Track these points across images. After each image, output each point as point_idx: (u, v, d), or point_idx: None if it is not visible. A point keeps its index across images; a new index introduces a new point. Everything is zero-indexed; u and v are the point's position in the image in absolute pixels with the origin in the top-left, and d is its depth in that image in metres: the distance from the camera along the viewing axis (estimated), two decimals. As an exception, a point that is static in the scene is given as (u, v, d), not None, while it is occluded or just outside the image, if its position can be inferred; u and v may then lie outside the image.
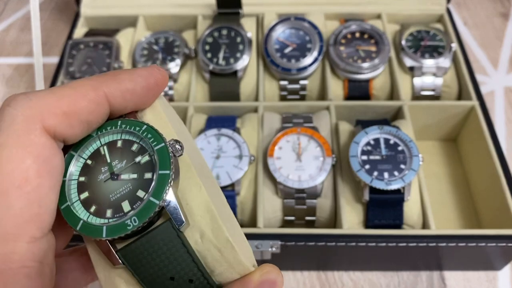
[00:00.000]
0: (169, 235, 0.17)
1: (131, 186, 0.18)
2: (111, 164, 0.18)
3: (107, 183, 0.18)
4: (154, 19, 0.57)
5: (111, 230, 0.17)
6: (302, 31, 0.51)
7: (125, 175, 0.18)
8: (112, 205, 0.18)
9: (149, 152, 0.18)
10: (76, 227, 0.17)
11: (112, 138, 0.19)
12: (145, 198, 0.17)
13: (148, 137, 0.18)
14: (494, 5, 0.69)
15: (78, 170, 0.19)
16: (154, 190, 0.17)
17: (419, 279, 0.43)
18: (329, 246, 0.38)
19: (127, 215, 0.17)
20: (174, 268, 0.17)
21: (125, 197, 0.18)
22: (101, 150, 0.19)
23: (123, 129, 0.19)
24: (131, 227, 0.17)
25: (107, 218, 0.18)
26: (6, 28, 0.67)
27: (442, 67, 0.49)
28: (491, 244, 0.38)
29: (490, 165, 0.43)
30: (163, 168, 0.18)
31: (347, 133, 0.44)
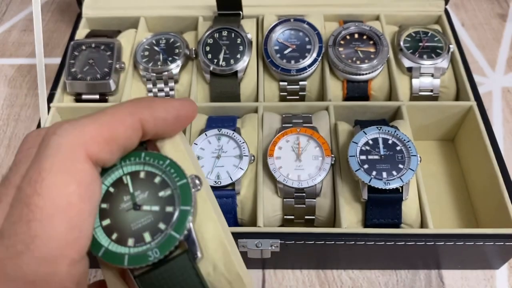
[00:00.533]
0: (185, 266, 0.18)
1: (153, 218, 0.19)
2: (133, 194, 0.19)
3: (129, 213, 0.19)
4: (155, 20, 0.57)
5: (132, 260, 0.18)
6: (301, 32, 0.51)
7: (147, 207, 0.19)
8: (134, 234, 0.18)
9: (172, 186, 0.19)
10: (98, 253, 0.18)
11: (135, 169, 0.20)
12: (167, 231, 0.18)
13: (171, 172, 0.19)
14: (492, 6, 0.69)
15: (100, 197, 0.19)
16: (176, 224, 0.18)
17: (418, 277, 0.43)
18: (328, 244, 0.38)
19: (148, 245, 0.18)
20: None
21: (146, 228, 0.18)
22: (123, 179, 0.20)
23: (147, 161, 0.19)
24: (152, 259, 0.18)
25: (129, 246, 0.18)
26: (8, 29, 0.68)
27: (440, 67, 0.49)
28: (488, 243, 0.38)
29: (487, 164, 0.43)
30: (185, 203, 0.19)
31: (346, 133, 0.44)
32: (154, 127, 0.19)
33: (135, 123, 0.18)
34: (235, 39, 0.50)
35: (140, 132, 0.18)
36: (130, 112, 0.18)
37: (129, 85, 0.50)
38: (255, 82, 0.50)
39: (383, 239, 0.38)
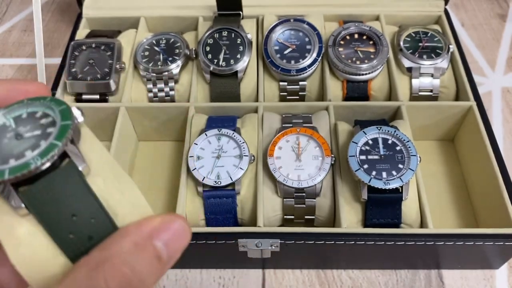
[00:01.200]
0: (71, 174, 0.18)
1: (35, 140, 0.19)
2: (16, 129, 0.19)
3: (11, 142, 0.19)
4: (155, 20, 0.57)
5: (13, 170, 0.17)
6: (301, 33, 0.51)
7: (29, 133, 0.19)
8: (15, 156, 0.18)
9: (52, 114, 0.19)
10: None
11: (18, 113, 0.20)
12: (47, 142, 0.18)
13: (52, 104, 0.19)
14: (491, 7, 0.69)
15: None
16: (56, 135, 0.18)
17: (417, 277, 0.43)
18: (328, 244, 0.38)
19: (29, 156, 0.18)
20: (76, 206, 0.18)
21: (28, 149, 0.18)
22: (6, 123, 0.20)
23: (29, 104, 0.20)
24: (33, 164, 0.17)
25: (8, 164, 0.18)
26: (9, 29, 0.68)
27: (440, 68, 0.49)
28: (488, 243, 0.38)
29: (487, 164, 0.43)
30: (65, 119, 0.19)
31: (346, 133, 0.44)
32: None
33: None
34: (235, 39, 0.50)
35: None
36: None
37: (129, 85, 0.50)
38: (255, 82, 0.50)
39: (383, 239, 0.38)
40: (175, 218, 0.18)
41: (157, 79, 0.50)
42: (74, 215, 0.18)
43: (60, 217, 0.18)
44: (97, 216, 0.18)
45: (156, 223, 0.17)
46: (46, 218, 0.18)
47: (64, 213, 0.18)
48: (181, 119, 0.49)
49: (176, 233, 0.17)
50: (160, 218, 0.18)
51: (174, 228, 0.17)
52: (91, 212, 0.18)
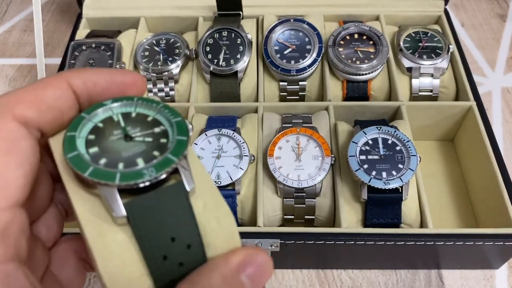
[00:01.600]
0: (179, 194, 0.17)
1: (145, 147, 0.18)
2: (125, 128, 0.18)
3: (119, 142, 0.18)
4: (155, 20, 0.57)
5: (125, 176, 0.16)
6: (301, 33, 0.51)
7: (140, 138, 0.18)
8: (125, 160, 0.17)
9: (165, 124, 0.19)
10: (84, 172, 0.17)
11: (126, 110, 0.19)
12: (163, 156, 0.17)
13: (165, 112, 0.19)
14: (491, 7, 0.69)
15: (87, 130, 0.18)
16: (172, 149, 0.17)
17: (417, 277, 0.43)
18: (328, 244, 0.38)
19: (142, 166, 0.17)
20: (177, 229, 0.17)
21: (139, 155, 0.17)
22: (114, 117, 0.19)
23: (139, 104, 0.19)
24: (147, 176, 0.16)
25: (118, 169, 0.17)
26: (9, 29, 0.68)
27: (440, 68, 0.49)
28: (488, 243, 0.38)
29: (487, 164, 0.43)
30: (181, 134, 0.18)
31: (346, 133, 0.44)
32: (85, 88, 0.19)
33: (62, 84, 0.19)
34: (235, 39, 0.50)
35: (71, 92, 0.19)
36: (56, 76, 0.19)
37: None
38: (255, 82, 0.50)
39: (383, 239, 0.38)
40: (260, 252, 0.18)
41: (157, 79, 0.50)
42: (173, 238, 0.17)
43: (159, 238, 0.17)
44: (193, 244, 0.17)
45: (242, 257, 0.17)
46: (145, 235, 0.17)
47: (164, 235, 0.17)
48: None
49: (261, 267, 0.17)
50: (245, 251, 0.18)
51: (258, 262, 0.17)
52: (189, 239, 0.17)
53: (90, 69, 0.20)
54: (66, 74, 0.19)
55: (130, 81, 0.20)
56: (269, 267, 0.18)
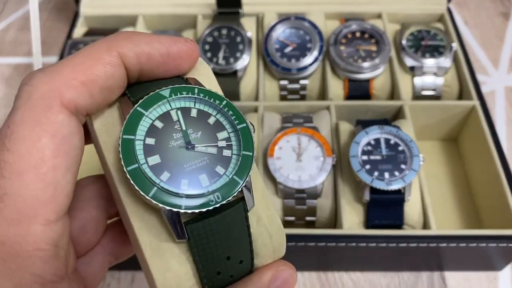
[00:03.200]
0: (240, 215, 0.17)
1: (208, 161, 0.17)
2: (186, 132, 0.17)
3: (180, 151, 0.16)
4: (153, 18, 0.57)
5: (191, 208, 0.16)
6: (302, 31, 0.50)
7: (202, 148, 0.17)
8: (188, 176, 0.16)
9: (228, 129, 0.17)
10: (148, 194, 0.15)
11: (185, 105, 0.17)
12: (228, 175, 0.16)
13: (229, 114, 0.17)
14: (494, 5, 0.68)
15: (144, 130, 0.17)
16: (238, 169, 0.16)
17: (420, 279, 0.43)
18: (329, 246, 0.38)
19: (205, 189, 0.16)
20: (233, 249, 0.17)
21: (202, 171, 0.16)
22: (172, 114, 0.17)
23: (200, 97, 0.17)
24: (213, 203, 0.16)
25: (183, 189, 0.16)
26: (5, 27, 0.67)
27: (443, 66, 0.49)
28: (491, 244, 0.38)
29: (491, 165, 0.43)
30: (247, 149, 0.17)
31: (348, 133, 0.44)
32: (138, 64, 0.17)
33: (113, 59, 0.16)
34: (235, 37, 0.50)
35: (123, 68, 0.16)
36: (107, 47, 0.16)
37: (127, 84, 0.49)
38: (255, 81, 0.50)
39: (385, 241, 0.37)
40: (287, 266, 0.19)
41: (156, 78, 0.50)
42: (229, 257, 0.17)
43: (216, 257, 0.17)
44: (245, 260, 0.18)
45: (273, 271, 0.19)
46: (204, 256, 0.17)
47: (221, 253, 0.17)
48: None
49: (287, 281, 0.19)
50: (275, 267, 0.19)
51: (285, 276, 0.19)
52: (243, 256, 0.18)
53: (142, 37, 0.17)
54: (116, 44, 0.16)
55: (187, 53, 0.18)
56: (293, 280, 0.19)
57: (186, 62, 0.18)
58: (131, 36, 0.17)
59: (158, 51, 0.17)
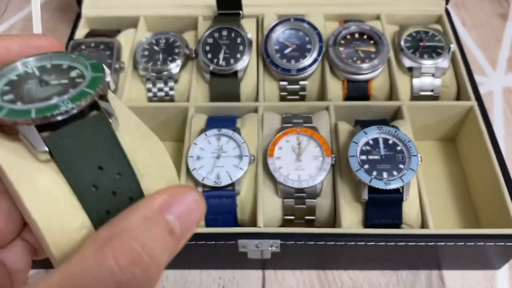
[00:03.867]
0: (100, 125, 0.17)
1: (61, 88, 0.18)
2: (40, 76, 0.18)
3: (35, 87, 0.18)
4: (155, 20, 0.57)
5: (40, 110, 0.16)
6: (301, 32, 0.51)
7: (55, 81, 0.18)
8: (40, 100, 0.17)
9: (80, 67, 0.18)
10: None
11: (41, 64, 0.19)
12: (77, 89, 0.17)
13: (80, 59, 0.19)
14: (492, 6, 0.69)
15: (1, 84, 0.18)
16: (88, 83, 0.17)
17: (418, 278, 0.43)
18: (329, 245, 0.38)
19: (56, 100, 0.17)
20: (102, 157, 0.17)
21: (54, 94, 0.17)
22: (28, 70, 0.19)
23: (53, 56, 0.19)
24: (63, 107, 0.16)
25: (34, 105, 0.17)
26: (8, 28, 0.68)
27: (441, 67, 0.49)
28: (489, 243, 0.38)
29: (488, 165, 0.43)
30: (96, 72, 0.18)
31: (347, 133, 0.44)
32: None
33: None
34: (235, 38, 0.50)
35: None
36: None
37: (128, 85, 0.50)
38: (255, 82, 0.50)
39: (384, 240, 0.38)
40: (187, 190, 0.17)
41: (157, 78, 0.50)
42: (100, 167, 0.17)
43: (85, 167, 0.16)
44: (123, 171, 0.17)
45: (167, 196, 0.16)
46: (70, 166, 0.16)
47: (89, 163, 0.16)
48: (181, 119, 0.49)
49: (189, 206, 0.17)
50: (171, 190, 0.17)
51: (186, 201, 0.17)
52: (117, 167, 0.17)
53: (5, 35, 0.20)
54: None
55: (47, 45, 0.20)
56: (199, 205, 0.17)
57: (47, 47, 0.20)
58: None
59: (17, 43, 0.19)
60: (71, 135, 0.17)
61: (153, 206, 0.16)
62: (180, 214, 0.16)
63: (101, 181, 0.17)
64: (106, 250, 0.15)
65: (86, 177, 0.17)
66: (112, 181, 0.17)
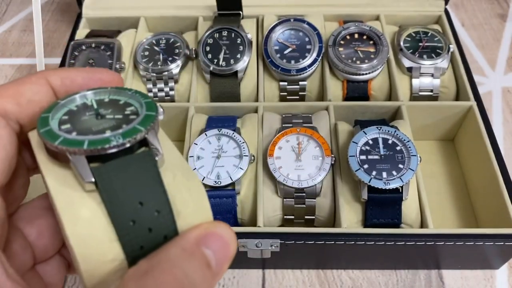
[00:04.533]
0: (146, 161, 0.18)
1: (115, 122, 0.19)
2: (97, 109, 0.19)
3: (90, 120, 0.19)
4: (155, 20, 0.57)
5: (92, 142, 0.17)
6: (301, 33, 0.51)
7: (110, 115, 0.19)
8: (94, 132, 0.18)
9: (135, 105, 0.20)
10: (54, 142, 0.17)
11: (100, 97, 0.20)
12: (130, 126, 0.18)
13: (136, 96, 0.20)
14: (491, 6, 0.69)
15: (61, 113, 0.19)
16: (140, 121, 0.18)
17: (417, 277, 0.43)
18: (328, 244, 0.38)
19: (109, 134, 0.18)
20: (145, 194, 0.17)
21: (108, 128, 0.18)
22: (88, 102, 0.20)
23: (112, 90, 0.20)
24: (114, 141, 0.17)
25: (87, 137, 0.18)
26: (9, 29, 0.68)
27: (440, 68, 0.49)
28: (488, 243, 0.38)
29: (487, 165, 0.43)
30: (150, 110, 0.19)
31: (346, 133, 0.44)
32: (63, 85, 0.21)
33: (39, 80, 0.20)
34: (235, 39, 0.50)
35: (49, 88, 0.20)
36: (36, 74, 0.20)
37: (129, 85, 0.50)
38: (255, 82, 0.50)
39: (383, 239, 0.38)
40: (222, 226, 0.17)
41: (157, 79, 0.50)
42: (141, 203, 0.17)
43: (127, 201, 0.17)
44: (162, 210, 0.17)
45: (202, 230, 0.17)
46: (113, 199, 0.17)
47: (131, 198, 0.17)
48: (181, 119, 0.49)
49: (224, 241, 0.17)
50: (206, 225, 0.17)
51: (221, 236, 0.17)
52: (157, 204, 0.17)
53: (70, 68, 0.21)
54: (45, 72, 0.21)
55: (108, 79, 0.21)
56: (233, 240, 0.17)
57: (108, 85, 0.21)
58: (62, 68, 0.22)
59: (81, 76, 0.21)
60: (118, 169, 0.17)
61: (190, 239, 0.17)
62: (215, 249, 0.17)
63: (140, 217, 0.17)
64: (147, 279, 0.15)
65: (126, 211, 0.17)
66: (150, 218, 0.17)
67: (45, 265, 0.22)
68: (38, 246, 0.21)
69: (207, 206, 0.19)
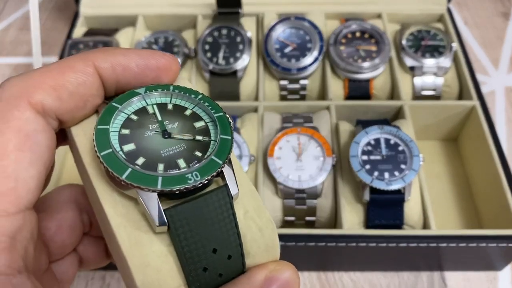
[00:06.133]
0: (223, 201, 0.16)
1: (186, 146, 0.17)
2: (162, 123, 0.17)
3: (156, 139, 0.17)
4: (153, 18, 0.57)
5: (167, 181, 0.15)
6: (302, 31, 0.50)
7: (178, 135, 0.17)
8: (164, 160, 0.16)
9: (205, 119, 0.17)
10: (122, 175, 0.15)
11: (161, 101, 0.18)
12: (206, 157, 0.16)
13: (205, 105, 0.18)
14: (494, 5, 0.68)
15: (119, 122, 0.17)
16: (217, 151, 0.16)
17: (420, 279, 0.43)
18: (329, 246, 0.38)
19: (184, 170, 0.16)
20: (219, 240, 0.16)
21: (179, 155, 0.16)
22: (148, 109, 0.17)
23: (176, 92, 0.18)
24: (192, 181, 0.15)
25: (159, 171, 0.16)
26: (6, 27, 0.67)
27: (443, 66, 0.49)
28: (491, 244, 0.38)
29: (490, 165, 0.43)
30: (224, 133, 0.17)
31: (348, 133, 0.44)
32: (113, 74, 0.17)
33: (86, 68, 0.17)
34: (235, 37, 0.50)
35: (97, 78, 0.17)
36: (81, 57, 0.17)
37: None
38: (255, 81, 0.50)
39: (385, 241, 0.37)
40: (286, 266, 0.17)
41: (156, 78, 0.50)
42: (215, 250, 0.16)
43: (201, 250, 0.16)
44: (234, 255, 0.16)
45: (267, 272, 0.17)
46: (187, 247, 0.16)
47: (206, 245, 0.16)
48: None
49: (288, 282, 0.17)
50: (271, 266, 0.17)
51: (285, 277, 0.17)
52: (231, 250, 0.16)
53: (119, 49, 0.18)
54: (92, 55, 0.17)
55: (165, 65, 0.18)
56: (296, 282, 0.17)
57: (165, 74, 0.18)
58: (108, 49, 0.18)
59: (135, 62, 0.18)
60: (193, 211, 0.16)
61: (255, 283, 0.17)
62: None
63: (212, 264, 0.16)
64: None
65: (200, 259, 0.16)
66: (222, 265, 0.16)
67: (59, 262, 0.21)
68: (56, 242, 0.20)
69: (276, 246, 0.18)
